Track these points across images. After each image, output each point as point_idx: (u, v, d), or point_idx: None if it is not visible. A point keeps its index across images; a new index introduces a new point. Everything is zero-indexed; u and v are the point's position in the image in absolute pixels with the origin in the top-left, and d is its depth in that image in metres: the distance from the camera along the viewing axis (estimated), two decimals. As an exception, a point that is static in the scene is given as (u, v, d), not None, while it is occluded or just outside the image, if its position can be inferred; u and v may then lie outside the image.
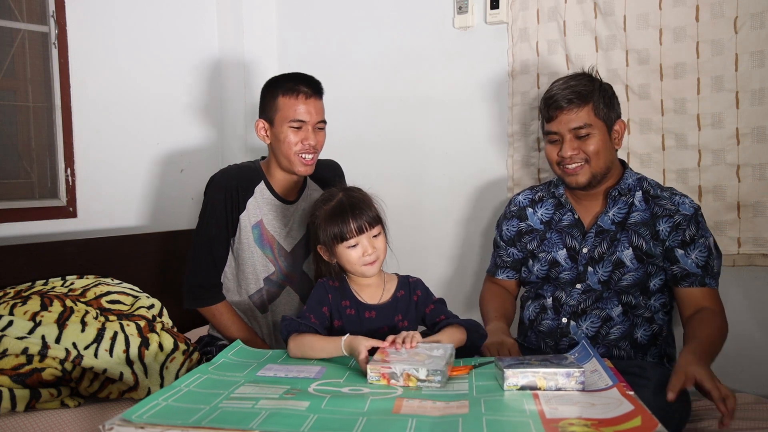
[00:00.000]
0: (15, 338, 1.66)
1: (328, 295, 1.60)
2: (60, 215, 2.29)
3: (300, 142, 1.92)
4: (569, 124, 1.72)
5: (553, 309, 1.81)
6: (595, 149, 1.72)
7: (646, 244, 1.72)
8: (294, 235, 2.04)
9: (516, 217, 1.94)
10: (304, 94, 1.93)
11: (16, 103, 2.23)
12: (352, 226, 1.54)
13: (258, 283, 2.01)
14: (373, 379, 1.33)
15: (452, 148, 2.48)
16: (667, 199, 1.74)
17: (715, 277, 1.72)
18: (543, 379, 1.26)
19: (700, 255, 1.69)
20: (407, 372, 1.31)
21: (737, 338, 2.02)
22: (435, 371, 1.30)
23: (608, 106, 1.75)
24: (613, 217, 1.77)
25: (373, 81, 2.61)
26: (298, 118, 1.92)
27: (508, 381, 1.27)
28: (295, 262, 2.05)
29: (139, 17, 2.52)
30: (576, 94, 1.72)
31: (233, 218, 1.97)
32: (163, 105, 2.60)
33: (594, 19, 2.14)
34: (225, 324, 1.98)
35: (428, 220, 2.54)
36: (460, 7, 2.39)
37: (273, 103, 1.94)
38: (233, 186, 1.97)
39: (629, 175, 1.79)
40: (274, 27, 2.83)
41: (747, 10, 1.91)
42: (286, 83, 1.94)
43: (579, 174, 1.74)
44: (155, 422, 1.10)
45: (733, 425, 1.62)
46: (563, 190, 1.86)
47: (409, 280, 1.67)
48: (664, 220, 1.72)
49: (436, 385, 1.30)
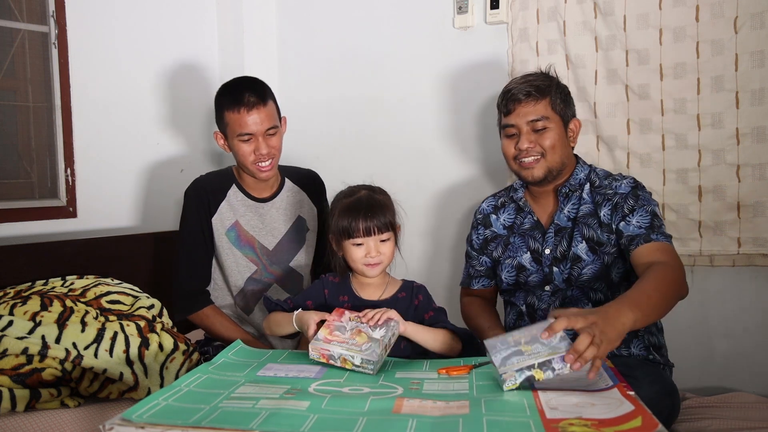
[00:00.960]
0: (15, 338, 1.66)
1: (324, 290, 1.65)
2: (60, 215, 2.29)
3: (252, 153, 1.93)
4: (527, 116, 1.74)
5: (528, 315, 1.82)
6: (551, 143, 1.74)
7: (595, 233, 1.74)
8: (274, 233, 2.06)
9: (482, 225, 1.96)
10: (247, 106, 1.90)
11: (16, 103, 2.23)
12: (360, 225, 1.57)
13: (240, 285, 2.03)
14: (313, 356, 1.44)
15: (452, 149, 2.48)
16: (606, 186, 1.76)
17: (663, 233, 1.65)
18: (540, 372, 1.25)
19: (641, 219, 1.68)
20: (344, 357, 1.41)
21: (737, 338, 2.03)
22: (368, 361, 1.39)
23: (564, 102, 1.78)
24: (568, 213, 1.79)
25: (373, 81, 2.61)
26: (245, 132, 1.91)
27: (506, 383, 1.26)
28: (280, 259, 2.06)
29: (139, 17, 2.52)
30: (534, 87, 1.75)
31: (208, 224, 2.00)
32: (162, 105, 2.60)
33: (594, 19, 2.14)
34: (214, 327, 2.00)
35: (433, 221, 2.53)
36: (460, 7, 2.39)
37: (222, 117, 1.96)
38: (203, 194, 2.01)
39: (579, 170, 1.81)
40: (274, 27, 2.83)
41: (747, 10, 1.91)
42: (229, 96, 1.93)
43: (535, 168, 1.75)
44: (155, 422, 1.09)
45: (733, 424, 1.62)
46: (522, 194, 1.89)
47: (413, 285, 1.69)
48: (605, 205, 1.74)
49: (369, 372, 1.39)
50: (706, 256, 2.00)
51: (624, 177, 1.78)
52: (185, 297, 2.02)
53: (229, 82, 2.00)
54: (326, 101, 2.71)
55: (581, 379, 1.31)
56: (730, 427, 1.61)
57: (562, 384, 1.28)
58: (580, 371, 1.24)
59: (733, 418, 1.67)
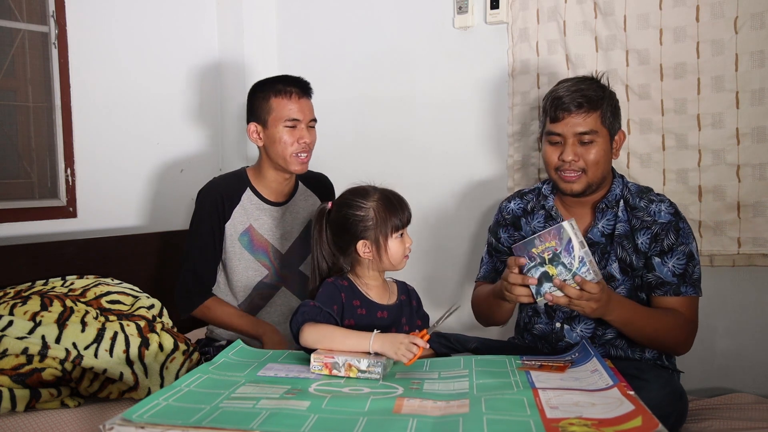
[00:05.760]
0: (15, 338, 1.66)
1: (341, 293, 1.56)
2: (60, 215, 2.29)
3: (296, 142, 1.96)
4: (575, 128, 1.68)
5: (546, 314, 1.79)
6: (595, 158, 1.69)
7: (629, 257, 1.70)
8: (288, 236, 2.06)
9: (511, 226, 1.90)
10: (296, 94, 1.98)
11: (16, 103, 2.23)
12: (406, 215, 1.57)
13: (247, 290, 2.03)
14: (315, 368, 1.39)
15: (452, 149, 2.48)
16: (643, 209, 1.71)
17: (693, 284, 1.68)
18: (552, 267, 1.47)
19: (677, 263, 1.66)
20: (349, 362, 1.37)
21: (737, 338, 2.03)
22: (376, 362, 1.36)
23: (614, 114, 1.73)
24: (603, 229, 1.74)
25: (373, 81, 2.61)
26: (293, 117, 1.96)
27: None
28: (291, 262, 2.06)
29: (139, 17, 2.52)
30: (586, 98, 1.67)
31: (220, 229, 2.01)
32: (162, 105, 2.60)
33: (594, 19, 2.14)
34: (221, 317, 1.99)
35: (425, 220, 2.53)
36: (460, 7, 2.39)
37: (265, 104, 1.97)
38: (218, 198, 2.01)
39: (616, 186, 1.76)
40: (274, 27, 2.83)
41: (747, 10, 1.91)
42: (277, 84, 1.99)
43: (575, 183, 1.71)
44: (156, 422, 1.09)
45: (733, 425, 1.62)
46: (552, 202, 1.83)
47: (407, 287, 1.68)
48: (642, 232, 1.70)
49: (375, 377, 1.35)
50: (706, 256, 2.00)
51: (661, 199, 1.73)
52: (188, 296, 2.02)
53: (274, 76, 2.05)
54: (326, 101, 2.70)
55: (582, 379, 1.31)
56: (732, 427, 1.61)
57: (563, 383, 1.28)
58: (581, 372, 1.25)
59: (734, 419, 1.67)
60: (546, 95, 1.76)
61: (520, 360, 1.49)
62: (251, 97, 2.02)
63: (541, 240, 1.50)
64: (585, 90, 1.69)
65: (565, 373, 1.38)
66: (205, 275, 2.03)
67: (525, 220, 1.87)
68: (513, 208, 1.91)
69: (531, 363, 1.45)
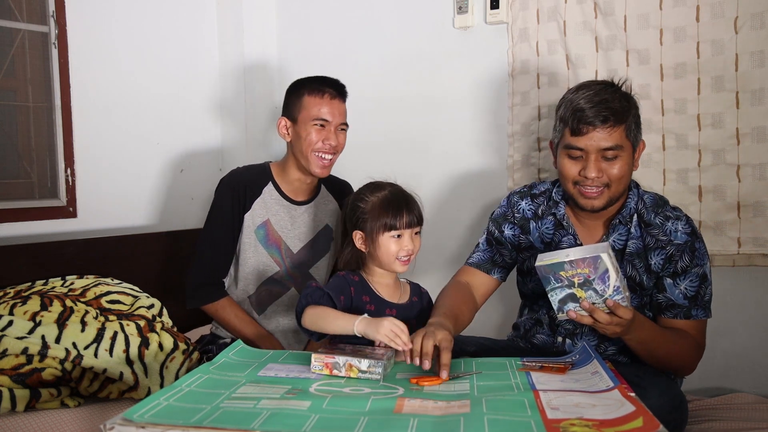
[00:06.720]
0: (15, 338, 1.66)
1: (350, 287, 1.57)
2: (60, 215, 2.29)
3: (321, 141, 1.96)
4: (600, 143, 1.56)
5: (549, 326, 1.75)
6: (619, 174, 1.58)
7: (639, 276, 1.64)
8: (301, 237, 2.06)
9: (519, 227, 1.81)
10: (329, 95, 1.97)
11: (16, 103, 2.23)
12: (404, 218, 1.55)
13: (256, 284, 2.02)
14: (316, 368, 1.39)
15: (451, 148, 2.48)
16: (659, 227, 1.63)
17: (704, 307, 1.64)
18: (581, 291, 1.39)
19: (690, 285, 1.61)
20: (349, 362, 1.37)
21: (737, 338, 2.03)
22: (377, 363, 1.35)
23: (637, 126, 1.63)
24: (613, 244, 1.66)
25: (373, 81, 2.61)
26: (322, 117, 1.96)
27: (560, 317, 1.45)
28: (301, 263, 2.06)
29: (139, 18, 2.52)
30: (612, 111, 1.55)
31: (240, 219, 1.99)
32: (163, 105, 2.60)
33: (594, 19, 2.14)
34: (229, 319, 1.99)
35: (425, 220, 2.53)
36: (460, 7, 2.39)
37: (298, 101, 1.98)
38: (241, 187, 2.00)
39: (631, 199, 1.68)
40: (274, 27, 2.83)
41: (747, 10, 1.91)
42: (313, 83, 1.99)
43: (596, 199, 1.60)
44: (156, 422, 1.09)
45: (733, 425, 1.62)
46: (564, 210, 1.73)
47: (421, 290, 1.69)
48: (656, 252, 1.63)
49: (376, 377, 1.35)
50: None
51: (677, 216, 1.64)
52: (201, 286, 2.00)
53: (314, 75, 2.04)
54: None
55: (582, 381, 1.31)
56: (732, 428, 1.61)
57: (564, 385, 1.28)
58: (581, 374, 1.25)
59: (734, 419, 1.67)
60: (564, 102, 1.63)
61: (520, 361, 1.48)
62: (288, 92, 2.03)
63: (573, 266, 1.38)
64: (610, 102, 1.56)
65: (565, 374, 1.37)
66: (219, 267, 2.01)
67: (534, 224, 1.78)
68: (524, 208, 1.80)
69: (531, 364, 1.45)
